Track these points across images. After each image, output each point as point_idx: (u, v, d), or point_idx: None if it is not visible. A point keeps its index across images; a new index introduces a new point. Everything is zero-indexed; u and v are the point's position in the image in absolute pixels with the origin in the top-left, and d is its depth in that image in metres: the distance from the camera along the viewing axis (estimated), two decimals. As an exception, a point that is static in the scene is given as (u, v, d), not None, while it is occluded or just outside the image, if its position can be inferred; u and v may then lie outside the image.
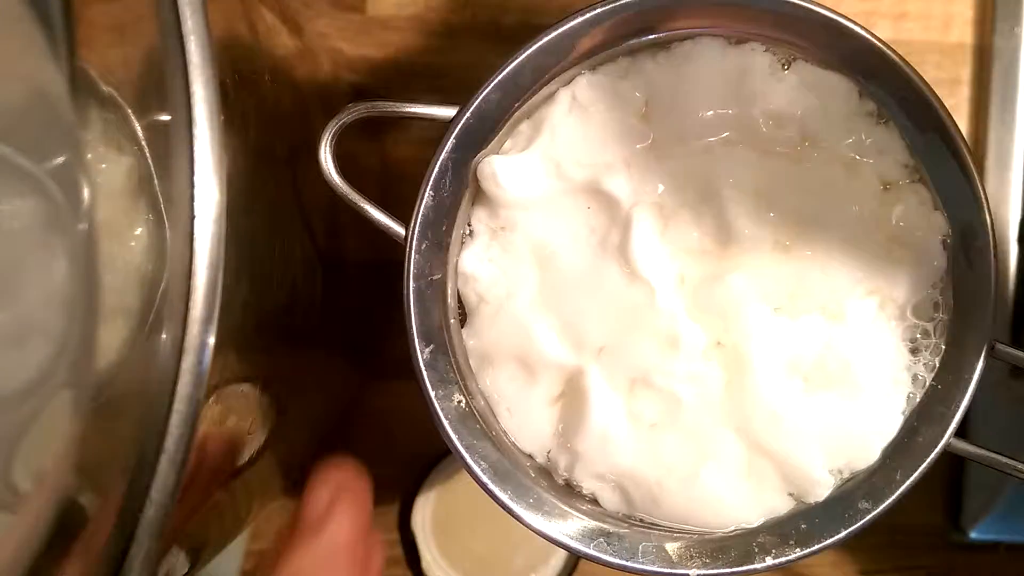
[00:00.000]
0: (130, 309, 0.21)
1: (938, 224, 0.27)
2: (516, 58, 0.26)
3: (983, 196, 0.26)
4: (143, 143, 0.21)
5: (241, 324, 0.25)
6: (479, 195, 0.27)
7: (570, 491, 0.28)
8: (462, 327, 0.28)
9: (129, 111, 0.22)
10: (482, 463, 0.26)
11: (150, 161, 0.21)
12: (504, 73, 0.26)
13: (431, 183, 0.26)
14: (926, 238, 0.27)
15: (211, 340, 0.19)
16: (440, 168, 0.26)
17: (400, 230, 0.26)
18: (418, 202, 0.26)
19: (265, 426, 0.29)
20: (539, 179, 0.27)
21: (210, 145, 0.19)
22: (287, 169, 0.29)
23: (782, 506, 0.27)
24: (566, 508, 0.27)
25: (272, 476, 0.36)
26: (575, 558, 0.44)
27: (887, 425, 0.27)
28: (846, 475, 0.27)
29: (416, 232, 0.26)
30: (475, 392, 0.27)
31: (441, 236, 0.27)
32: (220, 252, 0.19)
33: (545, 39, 0.26)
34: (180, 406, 0.19)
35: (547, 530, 0.26)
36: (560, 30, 0.26)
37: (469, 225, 0.28)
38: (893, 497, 0.26)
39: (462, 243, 0.28)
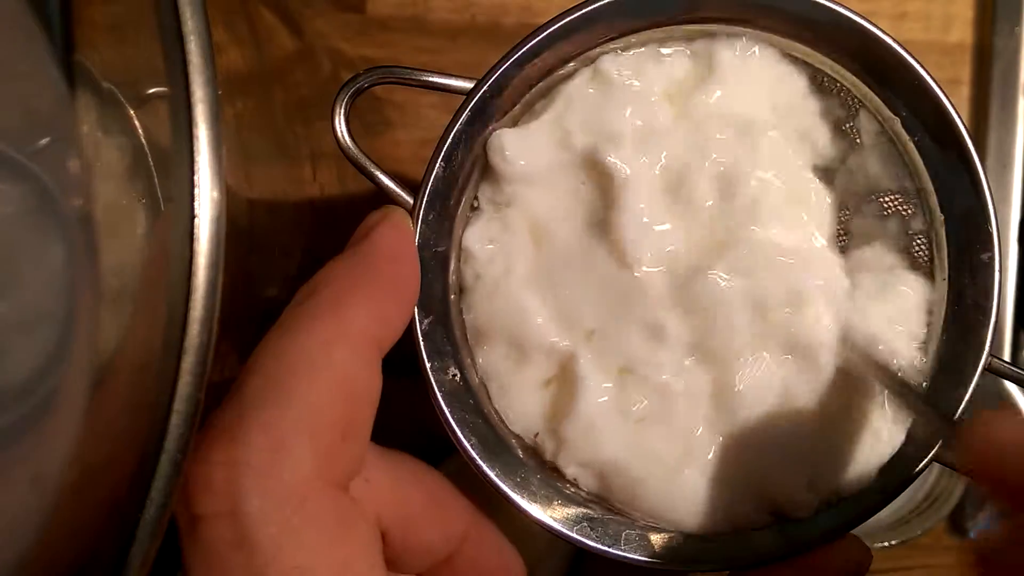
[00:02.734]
0: (129, 309, 0.21)
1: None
2: (538, 35, 0.26)
3: (991, 206, 0.26)
4: (143, 143, 0.21)
5: (241, 324, 0.25)
6: (487, 170, 0.27)
7: (557, 473, 0.27)
8: (460, 298, 0.28)
9: (129, 111, 0.22)
10: (472, 438, 0.26)
11: (150, 161, 0.21)
12: (525, 49, 0.26)
13: (443, 154, 0.26)
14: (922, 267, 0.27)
15: (211, 340, 0.19)
16: (453, 140, 0.26)
17: (408, 199, 0.26)
18: (428, 172, 0.26)
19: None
20: (544, 151, 0.27)
21: (210, 145, 0.19)
22: (287, 167, 0.29)
23: (760, 521, 0.27)
24: (552, 490, 0.26)
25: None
26: (572, 559, 0.44)
27: (882, 447, 0.26)
28: (834, 501, 0.26)
29: (424, 202, 0.26)
30: (470, 367, 0.27)
31: (448, 208, 0.26)
32: (220, 252, 0.19)
33: (569, 18, 0.26)
34: (180, 406, 0.19)
35: (531, 511, 0.26)
36: (586, 10, 0.26)
37: (476, 200, 0.27)
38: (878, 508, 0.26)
39: (468, 218, 0.27)
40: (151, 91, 0.21)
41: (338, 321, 0.21)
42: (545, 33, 0.26)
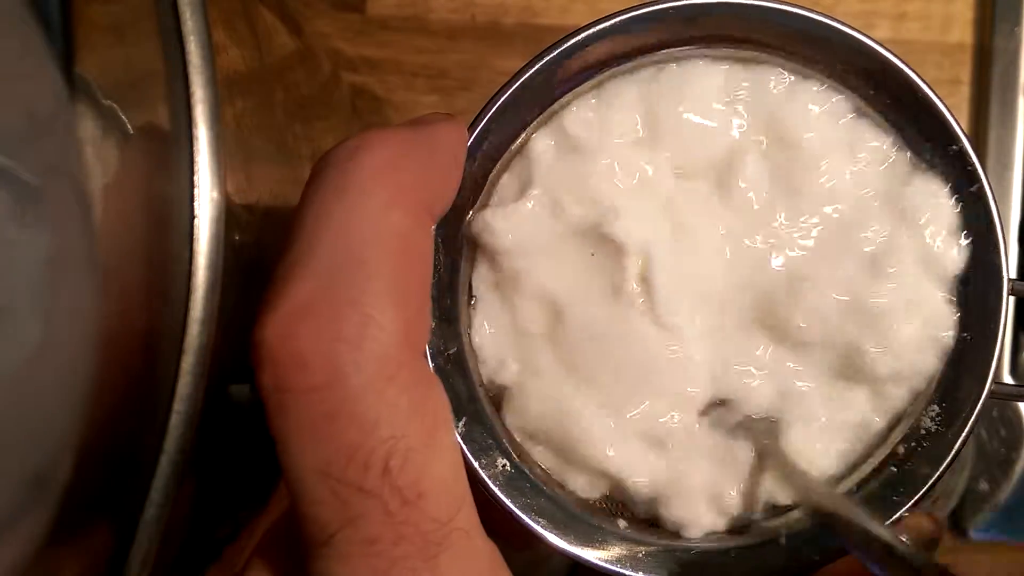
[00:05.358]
0: (128, 310, 0.21)
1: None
2: (479, 124, 0.25)
3: (966, 143, 0.25)
4: (142, 143, 0.21)
5: (241, 325, 0.25)
6: (478, 256, 0.26)
7: (636, 521, 0.27)
8: (489, 393, 0.27)
9: (128, 111, 0.22)
10: (540, 520, 0.25)
11: (149, 161, 0.21)
12: (471, 140, 0.25)
13: None
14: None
15: (211, 340, 0.19)
16: (433, 244, 0.25)
17: None
18: None
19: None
20: (537, 224, 0.26)
21: (210, 146, 0.19)
22: (287, 167, 0.29)
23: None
24: (632, 543, 0.26)
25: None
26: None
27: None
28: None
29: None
30: (523, 453, 0.27)
31: (447, 310, 0.26)
32: (220, 253, 0.19)
33: (503, 98, 0.25)
34: (180, 406, 0.19)
35: (620, 567, 0.26)
36: (515, 86, 0.25)
37: (472, 292, 0.27)
38: (948, 460, 0.25)
39: (470, 310, 0.27)
40: (151, 91, 0.21)
41: (395, 184, 0.20)
42: (484, 119, 0.25)
